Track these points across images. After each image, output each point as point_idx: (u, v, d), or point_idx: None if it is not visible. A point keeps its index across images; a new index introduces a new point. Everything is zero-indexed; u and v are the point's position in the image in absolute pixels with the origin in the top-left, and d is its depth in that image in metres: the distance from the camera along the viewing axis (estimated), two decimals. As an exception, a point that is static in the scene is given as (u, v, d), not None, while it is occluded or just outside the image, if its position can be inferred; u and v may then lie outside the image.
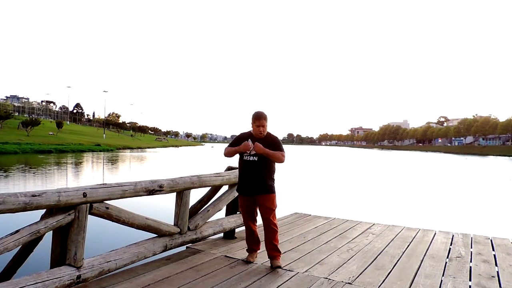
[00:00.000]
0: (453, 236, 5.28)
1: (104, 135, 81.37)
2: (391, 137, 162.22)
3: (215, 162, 32.00)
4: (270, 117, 3.91)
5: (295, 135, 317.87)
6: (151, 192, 3.64)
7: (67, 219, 2.92)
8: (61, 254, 2.98)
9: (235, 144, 3.92)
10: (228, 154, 3.96)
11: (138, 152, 52.32)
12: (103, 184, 3.24)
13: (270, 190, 3.81)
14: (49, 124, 73.81)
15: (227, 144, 4.09)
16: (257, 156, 3.77)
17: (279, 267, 3.68)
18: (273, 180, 3.88)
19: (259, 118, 3.81)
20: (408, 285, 3.34)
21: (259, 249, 4.01)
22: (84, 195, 2.98)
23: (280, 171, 4.34)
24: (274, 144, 3.85)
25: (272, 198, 3.83)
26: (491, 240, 5.07)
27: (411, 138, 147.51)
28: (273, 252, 3.77)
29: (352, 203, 12.08)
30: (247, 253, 4.00)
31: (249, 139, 3.85)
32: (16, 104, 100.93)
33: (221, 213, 4.96)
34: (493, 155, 70.47)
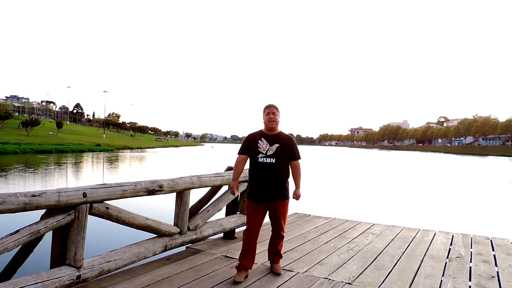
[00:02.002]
0: (453, 236, 5.28)
1: (104, 135, 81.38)
2: (391, 137, 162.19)
3: (215, 162, 32.02)
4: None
5: (295, 135, 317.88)
6: (151, 192, 3.64)
7: (67, 219, 2.92)
8: (61, 254, 2.98)
9: (246, 148, 3.54)
10: (235, 172, 3.63)
11: (138, 152, 52.33)
12: (103, 184, 3.24)
13: (287, 196, 3.53)
14: (49, 124, 73.84)
15: (238, 151, 3.63)
16: (275, 157, 3.42)
17: (280, 273, 3.53)
18: (288, 184, 3.56)
19: (269, 106, 3.53)
20: (408, 285, 3.34)
21: (251, 268, 3.53)
22: (84, 195, 2.98)
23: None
24: (291, 146, 3.52)
25: (287, 204, 3.58)
26: (491, 240, 5.07)
27: (411, 138, 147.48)
28: (275, 257, 3.65)
29: (352, 203, 12.08)
30: (236, 270, 3.46)
31: (262, 138, 3.50)
32: (16, 104, 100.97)
33: (221, 213, 4.96)
34: (493, 155, 70.47)
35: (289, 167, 3.55)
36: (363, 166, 34.03)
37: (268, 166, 3.42)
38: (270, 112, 3.49)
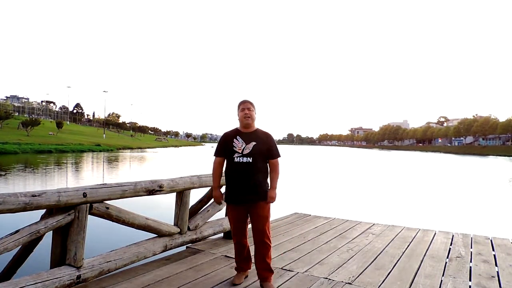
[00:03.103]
0: (453, 236, 5.29)
1: (104, 135, 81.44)
2: (391, 137, 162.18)
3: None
4: (270, 117, 3.58)
5: (295, 135, 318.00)
6: (151, 192, 3.64)
7: (67, 219, 2.92)
8: (61, 254, 2.98)
9: (222, 148, 3.34)
10: (214, 178, 3.40)
11: (138, 152, 52.35)
12: (103, 184, 3.24)
13: (266, 196, 3.27)
14: (49, 124, 73.91)
15: (214, 153, 3.41)
16: (252, 156, 3.20)
17: None
18: (268, 184, 3.33)
19: (244, 102, 3.34)
20: (408, 285, 3.35)
21: (249, 269, 3.46)
22: (84, 195, 2.98)
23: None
24: (268, 143, 3.30)
25: (268, 206, 3.31)
26: (491, 240, 5.07)
27: (411, 138, 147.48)
28: (265, 272, 3.25)
29: (352, 203, 12.08)
30: (235, 272, 3.44)
31: (237, 136, 3.29)
32: (16, 104, 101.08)
33: (221, 213, 4.96)
34: (493, 155, 70.48)
35: (267, 166, 3.33)
36: (363, 166, 34.03)
37: (245, 166, 3.20)
38: (245, 108, 3.30)
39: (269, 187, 3.33)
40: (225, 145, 3.32)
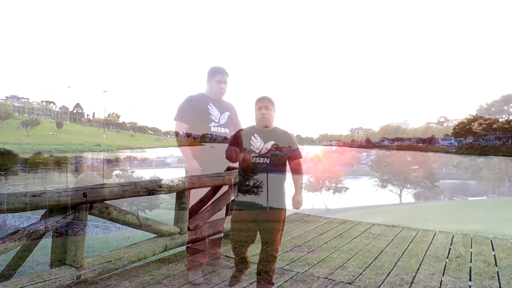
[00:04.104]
0: (453, 236, 5.29)
1: (104, 135, 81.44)
2: (391, 137, 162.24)
3: (215, 162, 31.96)
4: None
5: (295, 135, 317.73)
6: (151, 192, 3.64)
7: (67, 219, 2.92)
8: (61, 254, 2.98)
9: (236, 143, 3.08)
10: (229, 158, 3.12)
11: (138, 152, 52.35)
12: (103, 184, 3.23)
13: (283, 204, 2.97)
14: (49, 124, 73.86)
15: (229, 144, 3.16)
16: (269, 157, 2.94)
17: None
18: (284, 188, 3.02)
19: (262, 99, 3.05)
20: (408, 285, 3.35)
21: (249, 268, 3.26)
22: (84, 195, 2.97)
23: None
24: (289, 143, 3.02)
25: (282, 214, 2.98)
26: (491, 240, 5.07)
27: (411, 138, 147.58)
28: (266, 284, 3.02)
29: (352, 203, 12.09)
30: (235, 272, 3.28)
31: (255, 134, 3.02)
32: (16, 104, 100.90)
33: (221, 213, 4.94)
34: (493, 155, 70.44)
35: (286, 169, 3.05)
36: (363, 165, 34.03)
37: (261, 167, 2.94)
38: (263, 106, 3.02)
39: (295, 190, 3.07)
40: (241, 141, 3.05)
